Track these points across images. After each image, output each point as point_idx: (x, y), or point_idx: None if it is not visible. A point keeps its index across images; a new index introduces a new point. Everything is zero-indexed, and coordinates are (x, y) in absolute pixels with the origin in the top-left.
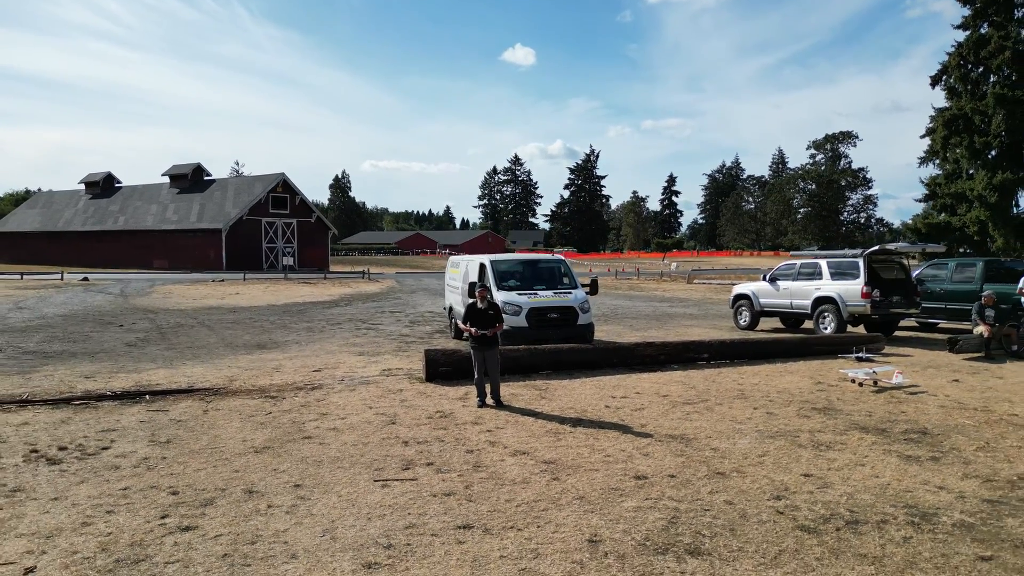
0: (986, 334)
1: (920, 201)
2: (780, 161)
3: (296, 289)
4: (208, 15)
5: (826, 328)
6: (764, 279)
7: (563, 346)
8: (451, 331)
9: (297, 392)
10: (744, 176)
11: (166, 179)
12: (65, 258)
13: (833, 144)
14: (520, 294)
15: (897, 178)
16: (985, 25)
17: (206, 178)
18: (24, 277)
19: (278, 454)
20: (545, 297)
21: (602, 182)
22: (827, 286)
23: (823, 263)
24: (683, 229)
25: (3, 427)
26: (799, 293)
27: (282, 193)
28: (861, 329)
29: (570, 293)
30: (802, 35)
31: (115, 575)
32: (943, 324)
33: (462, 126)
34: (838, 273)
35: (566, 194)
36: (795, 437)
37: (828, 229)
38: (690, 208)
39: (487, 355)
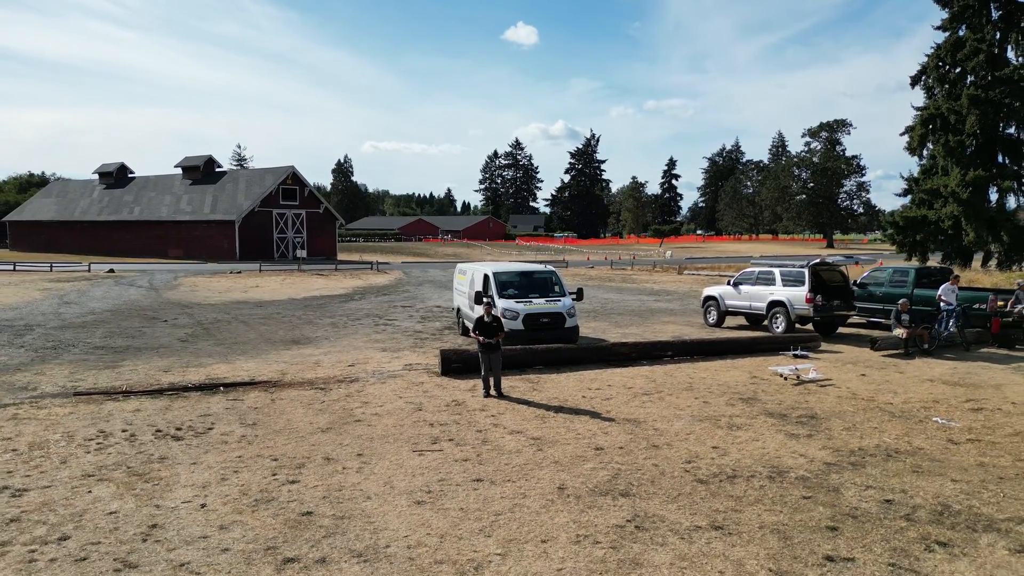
0: (903, 335)
1: (899, 195)
2: (780, 144)
3: (311, 282)
4: None
5: (778, 327)
6: (729, 284)
7: (553, 346)
8: (458, 328)
9: (340, 384)
10: (744, 160)
11: (178, 170)
12: (81, 247)
13: (829, 132)
14: (517, 302)
15: (900, 159)
16: (963, 27)
17: (217, 170)
18: (53, 268)
19: (339, 433)
20: (538, 304)
21: (602, 166)
22: (779, 292)
23: (777, 271)
24: (684, 212)
25: (123, 413)
26: (756, 297)
27: (292, 185)
28: (810, 327)
29: (559, 301)
30: (805, 13)
31: (258, 509)
32: (884, 322)
33: (463, 106)
34: (788, 281)
35: (566, 178)
36: (717, 420)
37: (822, 216)
38: (692, 189)
39: (491, 357)
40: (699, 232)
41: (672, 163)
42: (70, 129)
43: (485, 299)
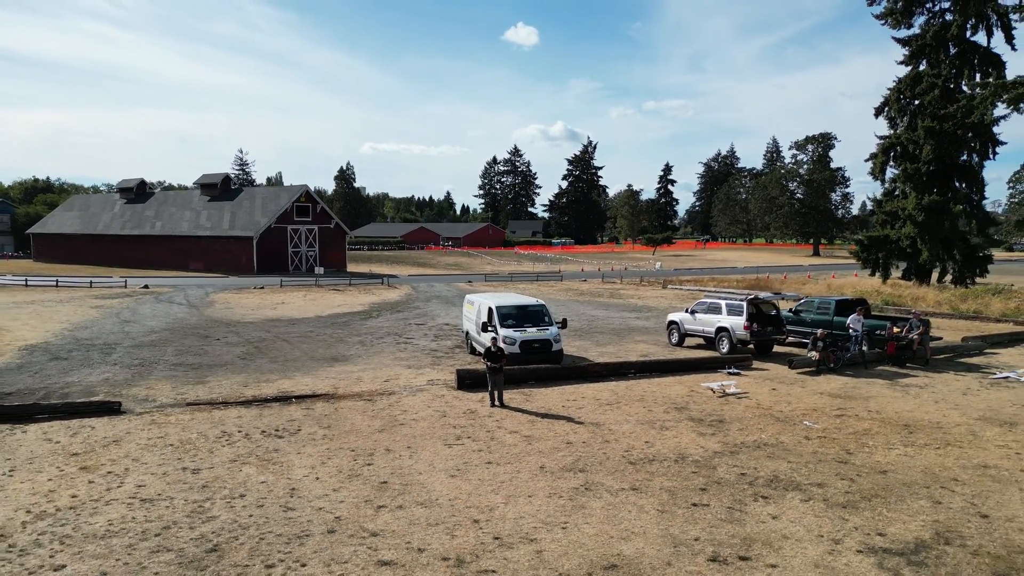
0: (815, 357)
1: (865, 216)
2: (775, 150)
3: (330, 298)
4: None
5: (723, 348)
6: (687, 311)
7: (542, 366)
8: (467, 348)
9: (381, 396)
10: (738, 165)
11: (196, 186)
12: (104, 259)
13: (815, 145)
14: (515, 330)
15: None
16: (924, 62)
17: (233, 187)
18: (93, 284)
19: (391, 432)
20: (531, 332)
21: (599, 172)
22: (724, 320)
23: (723, 303)
24: (682, 214)
25: (230, 418)
26: (707, 323)
27: (305, 203)
28: (752, 347)
29: (548, 329)
30: (804, 13)
31: (352, 480)
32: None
33: (462, 107)
34: (732, 311)
35: (564, 184)
36: (653, 423)
37: (807, 226)
38: (691, 190)
39: (496, 377)
40: (703, 238)
41: (668, 169)
42: (69, 130)
43: (490, 329)
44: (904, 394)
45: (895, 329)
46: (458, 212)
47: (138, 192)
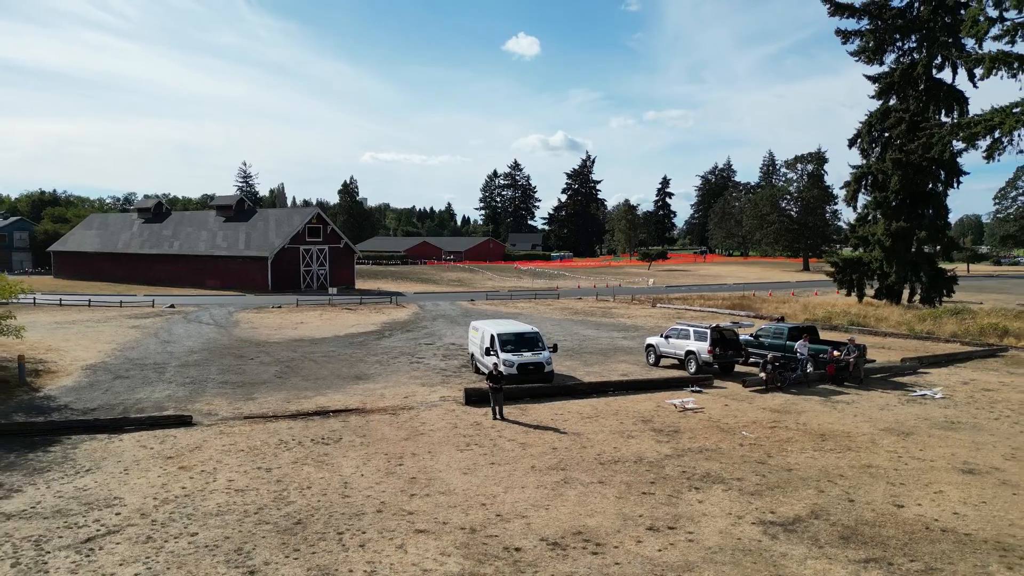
0: (765, 377)
1: (838, 240)
2: (771, 163)
3: (344, 317)
4: (205, 4)
5: (691, 369)
6: (662, 336)
7: (535, 385)
8: (472, 367)
9: (403, 411)
10: (735, 179)
11: (213, 208)
12: (123, 276)
13: (804, 163)
14: (513, 354)
15: None
16: (893, 98)
17: (246, 208)
18: (123, 304)
19: (415, 440)
20: (527, 356)
21: (598, 186)
22: (692, 344)
23: (691, 330)
24: (681, 225)
25: (282, 429)
26: (678, 347)
27: (316, 224)
28: (716, 367)
29: (541, 353)
30: (803, 24)
31: (389, 476)
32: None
33: (462, 117)
34: (698, 337)
35: (563, 198)
36: (622, 433)
37: (797, 242)
38: (690, 200)
39: (497, 395)
40: (700, 250)
41: (666, 182)
42: (70, 139)
43: (491, 353)
44: (832, 409)
45: (835, 353)
46: (459, 223)
47: (155, 212)
